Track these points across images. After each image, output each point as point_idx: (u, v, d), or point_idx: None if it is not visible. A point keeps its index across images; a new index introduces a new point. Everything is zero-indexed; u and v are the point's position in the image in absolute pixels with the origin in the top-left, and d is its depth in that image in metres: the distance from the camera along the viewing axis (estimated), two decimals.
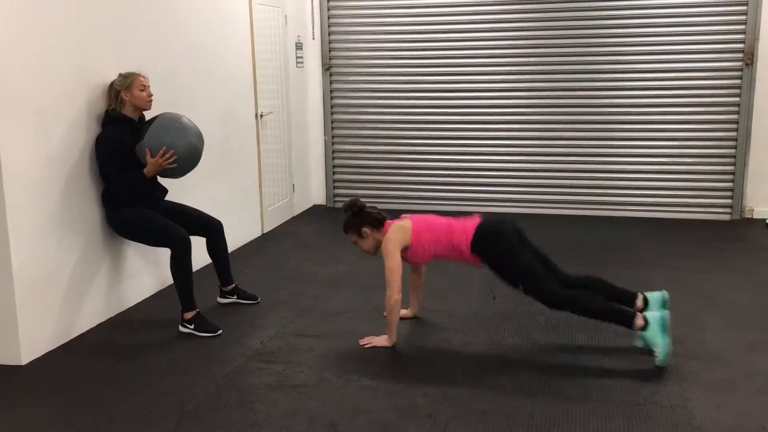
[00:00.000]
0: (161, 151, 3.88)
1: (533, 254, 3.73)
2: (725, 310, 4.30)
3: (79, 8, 3.93)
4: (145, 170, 3.94)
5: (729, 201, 6.72)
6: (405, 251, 3.79)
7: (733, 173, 6.66)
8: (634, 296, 3.74)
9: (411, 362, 3.60)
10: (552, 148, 6.99)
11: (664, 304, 3.69)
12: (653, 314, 3.51)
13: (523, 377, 3.42)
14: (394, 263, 3.71)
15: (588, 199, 6.99)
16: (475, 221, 3.77)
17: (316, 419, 3.03)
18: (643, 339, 3.52)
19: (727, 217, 6.73)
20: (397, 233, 3.79)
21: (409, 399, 3.21)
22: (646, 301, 3.72)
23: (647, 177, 6.84)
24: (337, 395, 3.25)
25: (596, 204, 6.98)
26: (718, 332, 3.95)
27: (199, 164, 4.74)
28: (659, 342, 3.44)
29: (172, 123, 3.97)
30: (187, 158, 4.01)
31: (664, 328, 3.46)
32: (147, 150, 3.89)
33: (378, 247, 3.87)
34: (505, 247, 3.67)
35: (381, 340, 3.80)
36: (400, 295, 3.70)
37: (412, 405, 3.15)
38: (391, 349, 3.76)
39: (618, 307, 3.59)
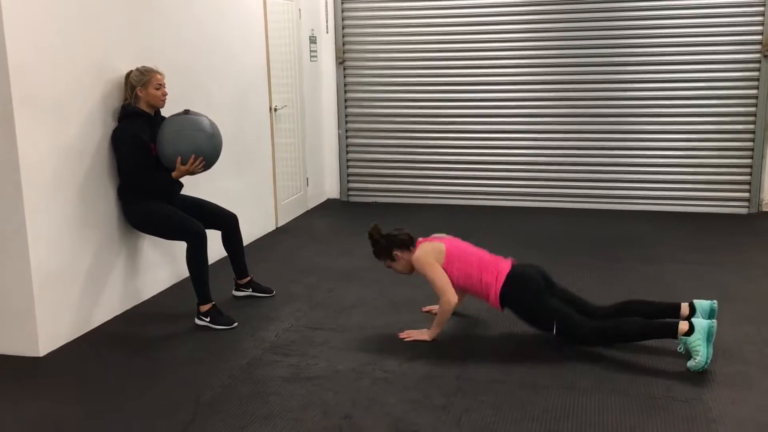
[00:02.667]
0: (191, 160, 3.96)
1: (561, 296, 3.67)
2: (741, 304, 4.27)
3: (93, 1, 3.95)
4: (174, 174, 4.00)
5: (746, 194, 6.66)
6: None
7: (750, 166, 6.60)
8: (677, 306, 3.64)
9: (425, 355, 3.61)
10: (567, 142, 6.96)
11: (712, 314, 3.59)
12: (700, 321, 3.36)
13: (538, 370, 3.41)
14: (438, 273, 3.69)
15: (603, 192, 6.96)
16: (507, 265, 3.71)
17: (330, 411, 3.04)
18: (685, 344, 3.39)
19: (744, 211, 6.68)
20: (430, 252, 3.74)
21: (423, 391, 3.21)
22: (692, 308, 3.62)
23: (663, 170, 6.79)
24: (352, 387, 3.26)
25: (612, 198, 6.95)
26: (734, 326, 3.93)
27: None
28: (701, 350, 3.31)
29: (193, 131, 3.99)
30: (212, 157, 4.09)
31: (709, 337, 3.33)
32: (179, 158, 3.95)
33: (412, 267, 3.84)
34: (530, 296, 3.62)
35: (421, 334, 3.78)
36: (456, 299, 3.68)
37: (426, 397, 3.16)
38: (405, 343, 3.77)
39: (656, 322, 3.49)
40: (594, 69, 6.77)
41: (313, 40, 7.07)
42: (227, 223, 4.40)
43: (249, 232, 5.60)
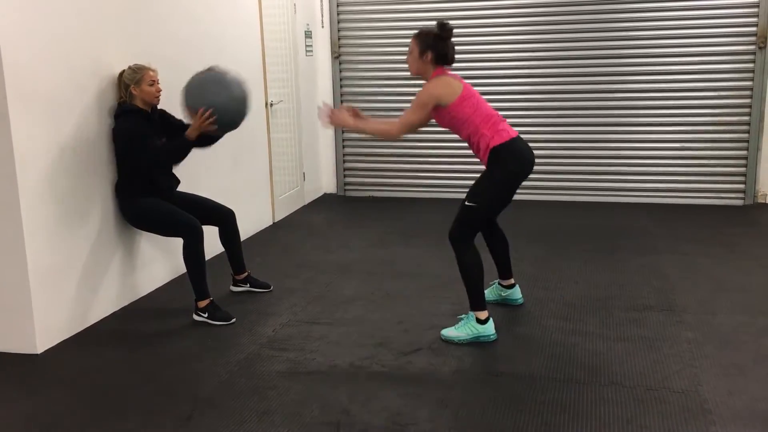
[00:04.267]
0: (200, 112, 3.83)
1: (504, 203, 3.77)
2: (737, 295, 4.28)
3: None
4: (187, 133, 3.91)
5: (741, 186, 6.68)
6: (436, 108, 3.64)
7: (745, 158, 6.61)
8: (510, 275, 4.14)
9: (422, 349, 3.62)
10: (562, 135, 6.97)
11: (510, 302, 4.17)
12: (487, 329, 3.65)
13: (534, 363, 3.43)
14: (414, 119, 3.62)
15: (599, 185, 6.97)
16: (513, 132, 3.69)
17: (328, 406, 3.05)
18: (463, 320, 3.70)
19: (739, 203, 6.70)
20: (441, 88, 3.60)
21: (420, 386, 3.22)
22: (512, 285, 4.16)
23: (659, 162, 6.80)
24: (349, 382, 3.27)
25: (608, 190, 6.96)
26: (730, 317, 3.94)
27: (210, 153, 4.78)
28: (464, 336, 3.66)
29: (209, 80, 3.90)
30: (229, 112, 3.90)
31: (477, 339, 3.65)
32: (188, 108, 3.83)
33: (418, 74, 3.72)
34: (508, 172, 3.64)
35: (345, 119, 3.73)
36: (395, 139, 3.66)
37: (423, 392, 3.17)
38: (403, 337, 3.78)
39: (480, 291, 3.68)
40: (589, 62, 6.78)
41: (308, 34, 7.06)
42: (224, 218, 4.40)
43: (246, 228, 5.60)
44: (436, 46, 3.65)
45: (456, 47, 3.75)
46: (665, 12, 6.52)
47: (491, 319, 3.71)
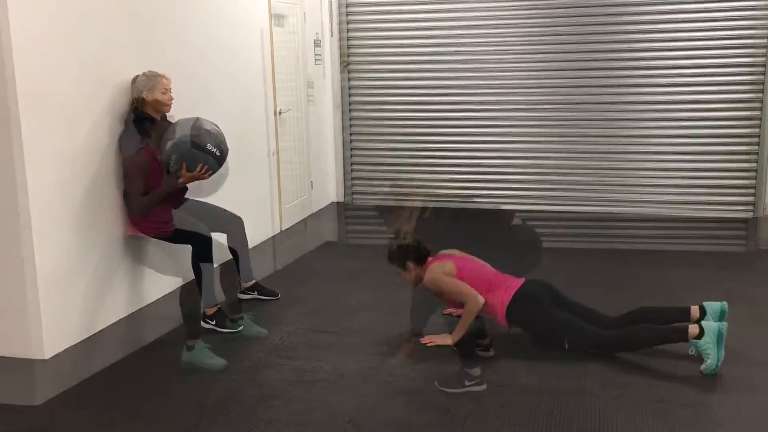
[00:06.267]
0: (199, 168, 3.90)
1: (570, 309, 3.67)
2: (746, 308, 4.25)
3: (98, 7, 3.97)
4: (180, 181, 3.93)
5: (750, 198, 6.64)
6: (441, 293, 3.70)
7: (755, 170, 6.58)
8: (687, 310, 3.69)
9: (429, 358, 3.61)
10: (572, 145, 6.95)
11: (722, 315, 3.63)
12: (710, 324, 3.40)
13: (543, 374, 3.41)
14: (457, 282, 3.61)
15: (607, 196, 6.94)
16: (516, 284, 3.68)
17: (335, 414, 3.05)
18: (696, 347, 3.43)
19: (749, 215, 6.66)
20: (440, 272, 3.68)
21: (427, 395, 3.21)
22: (702, 311, 3.67)
23: (667, 174, 6.78)
24: (356, 391, 3.26)
25: (616, 201, 6.93)
26: (740, 330, 3.90)
27: None
28: (712, 353, 3.34)
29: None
30: (219, 164, 4.05)
31: (719, 339, 3.36)
32: (183, 165, 3.88)
33: (419, 280, 3.79)
34: (537, 312, 3.62)
35: (444, 339, 3.63)
36: (483, 299, 3.55)
37: (430, 401, 3.16)
38: (410, 346, 3.77)
39: (667, 328, 3.51)
40: (598, 73, 6.76)
41: (317, 43, 7.08)
42: (233, 226, 4.40)
43: (253, 236, 5.58)
44: (409, 256, 3.77)
45: (465, 57, 3.74)
46: (675, 24, 6.51)
47: (703, 327, 3.42)
